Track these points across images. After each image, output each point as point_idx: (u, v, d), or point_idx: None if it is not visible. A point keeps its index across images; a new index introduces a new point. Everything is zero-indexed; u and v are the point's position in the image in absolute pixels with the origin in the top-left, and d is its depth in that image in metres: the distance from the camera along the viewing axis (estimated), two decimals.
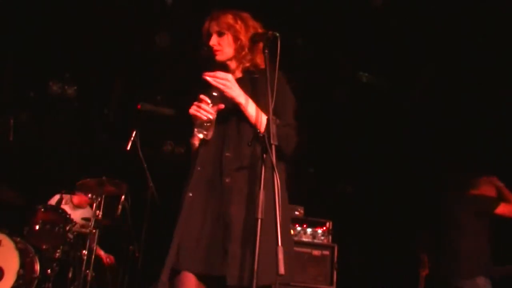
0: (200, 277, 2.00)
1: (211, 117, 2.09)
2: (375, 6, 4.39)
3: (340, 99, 5.71)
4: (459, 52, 4.78)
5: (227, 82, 2.10)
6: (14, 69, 5.50)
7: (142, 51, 5.09)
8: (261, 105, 2.13)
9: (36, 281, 4.14)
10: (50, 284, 4.34)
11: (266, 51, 2.12)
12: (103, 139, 6.33)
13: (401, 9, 4.46)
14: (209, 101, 2.09)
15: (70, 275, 4.58)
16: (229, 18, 2.29)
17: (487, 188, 4.31)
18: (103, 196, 4.75)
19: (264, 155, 1.90)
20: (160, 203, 4.51)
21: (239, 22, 2.29)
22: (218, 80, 2.10)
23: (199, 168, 2.14)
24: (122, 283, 5.01)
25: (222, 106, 2.11)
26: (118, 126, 5.97)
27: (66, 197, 5.07)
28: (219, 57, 2.30)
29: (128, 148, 4.31)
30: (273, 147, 1.86)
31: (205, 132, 2.11)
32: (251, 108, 2.12)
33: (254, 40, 2.23)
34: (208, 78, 2.10)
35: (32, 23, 4.85)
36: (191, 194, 2.10)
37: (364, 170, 6.63)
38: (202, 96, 2.11)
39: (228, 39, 2.28)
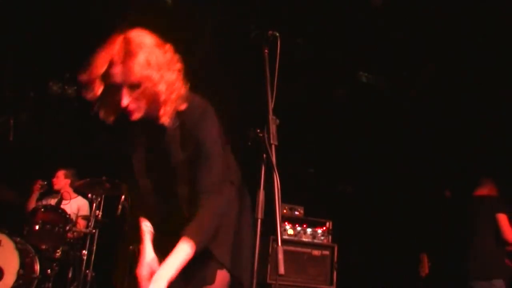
0: None
1: None
2: (375, 6, 4.38)
3: (340, 99, 5.71)
4: (459, 52, 4.78)
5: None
6: (14, 69, 5.50)
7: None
8: (189, 156, 1.89)
9: (36, 281, 4.14)
10: (50, 284, 4.34)
11: (266, 51, 2.12)
12: (103, 139, 6.33)
13: (401, 9, 4.45)
14: None
15: (70, 275, 4.58)
16: (142, 58, 1.73)
17: (493, 189, 4.37)
18: (103, 196, 4.75)
19: (264, 155, 1.90)
20: None
21: (153, 56, 1.76)
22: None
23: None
24: (122, 283, 5.01)
25: None
26: (118, 126, 5.96)
27: (43, 184, 5.08)
28: (135, 116, 1.81)
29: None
30: (273, 147, 1.86)
31: None
32: (177, 261, 1.79)
33: (250, 42, 2.18)
34: None
35: (32, 23, 4.85)
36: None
37: (364, 170, 6.64)
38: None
39: (143, 91, 1.76)
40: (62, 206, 4.79)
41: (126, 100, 1.76)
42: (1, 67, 5.46)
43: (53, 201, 5.03)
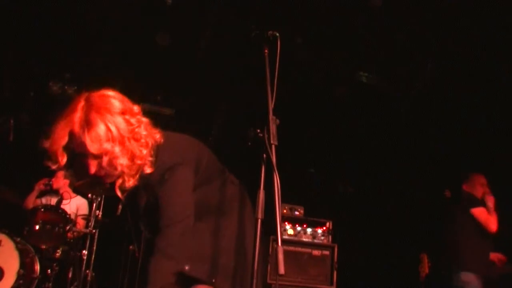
0: None
1: None
2: (375, 6, 4.38)
3: (340, 99, 5.71)
4: (459, 52, 4.77)
5: None
6: (14, 69, 5.50)
7: (142, 51, 5.09)
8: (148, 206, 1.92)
9: (36, 281, 4.14)
10: (50, 284, 4.35)
11: (266, 51, 2.12)
12: None
13: (401, 9, 4.45)
14: None
15: (70, 275, 4.58)
16: (100, 137, 1.68)
17: (476, 186, 4.41)
18: (103, 196, 4.75)
19: (264, 155, 1.90)
20: None
21: (113, 132, 1.70)
22: None
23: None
24: (122, 283, 5.02)
25: None
26: None
27: (48, 183, 5.10)
28: (108, 181, 1.82)
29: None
30: (273, 147, 1.86)
31: None
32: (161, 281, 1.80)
33: (250, 41, 2.19)
34: None
35: (32, 23, 4.85)
36: None
37: (364, 170, 6.64)
38: None
39: (109, 160, 1.73)
40: (62, 206, 4.79)
41: (93, 169, 1.74)
42: (1, 67, 5.46)
43: (53, 201, 5.03)
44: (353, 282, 5.40)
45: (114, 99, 1.78)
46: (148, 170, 1.80)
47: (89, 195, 4.87)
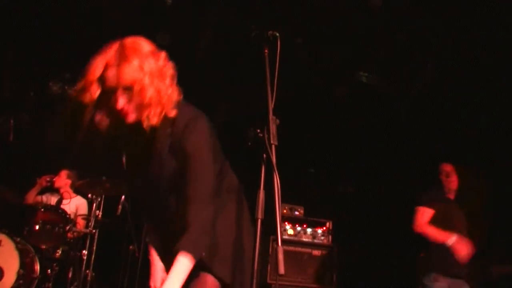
0: None
1: None
2: (375, 6, 4.38)
3: (340, 99, 5.71)
4: (459, 52, 4.78)
5: None
6: (14, 69, 5.50)
7: None
8: (178, 165, 1.91)
9: (36, 281, 4.14)
10: (50, 284, 4.35)
11: (266, 51, 2.12)
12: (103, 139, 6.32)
13: (401, 9, 4.45)
14: None
15: (70, 275, 4.58)
16: (136, 63, 1.81)
17: (442, 178, 4.24)
18: (103, 196, 4.76)
19: (264, 155, 1.90)
20: None
21: (146, 62, 1.84)
22: None
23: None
24: (122, 283, 5.02)
25: None
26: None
27: (50, 180, 5.11)
28: (130, 118, 1.85)
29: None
30: (273, 147, 1.86)
31: None
32: (180, 277, 1.81)
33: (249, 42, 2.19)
34: None
35: (32, 23, 4.85)
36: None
37: (364, 170, 6.64)
38: None
39: (138, 93, 1.82)
40: (62, 206, 4.79)
41: (121, 101, 1.82)
42: (1, 67, 5.46)
43: (53, 200, 5.04)
44: (353, 282, 5.40)
45: (146, 43, 1.93)
46: (172, 113, 1.89)
47: (89, 195, 4.88)
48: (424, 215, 4.05)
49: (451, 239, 3.81)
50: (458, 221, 4.04)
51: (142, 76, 1.81)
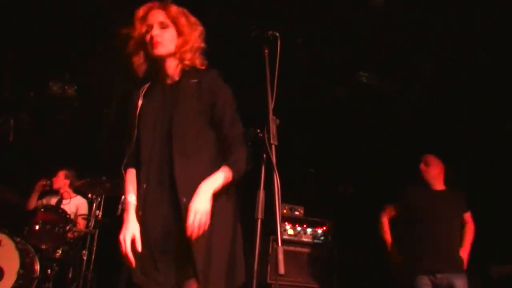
0: None
1: None
2: (375, 6, 4.38)
3: (340, 99, 5.71)
4: (459, 52, 4.78)
5: (202, 218, 1.90)
6: (14, 69, 5.50)
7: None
8: (202, 109, 2.10)
9: (36, 281, 4.14)
10: (50, 284, 4.34)
11: (266, 51, 2.12)
12: (103, 139, 6.33)
13: (401, 9, 4.45)
14: None
15: (70, 275, 4.58)
16: (174, 11, 2.13)
17: (436, 168, 4.15)
18: (103, 196, 4.76)
19: (264, 155, 1.90)
20: None
21: (183, 16, 2.14)
22: (198, 224, 1.90)
23: (144, 186, 2.08)
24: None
25: None
26: (118, 126, 5.98)
27: (47, 183, 5.11)
28: (159, 50, 2.09)
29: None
30: (273, 147, 1.86)
31: None
32: (216, 183, 1.98)
33: (253, 40, 2.20)
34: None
35: (32, 23, 4.85)
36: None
37: (364, 170, 6.64)
38: None
39: (171, 32, 2.12)
40: (62, 206, 4.79)
41: (155, 31, 2.07)
42: (1, 67, 5.47)
43: (53, 201, 5.04)
44: (353, 282, 5.40)
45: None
46: (200, 65, 2.17)
47: (89, 195, 4.88)
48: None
49: None
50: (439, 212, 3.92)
51: (177, 19, 2.10)
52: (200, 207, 1.90)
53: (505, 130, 5.19)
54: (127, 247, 1.96)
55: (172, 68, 2.16)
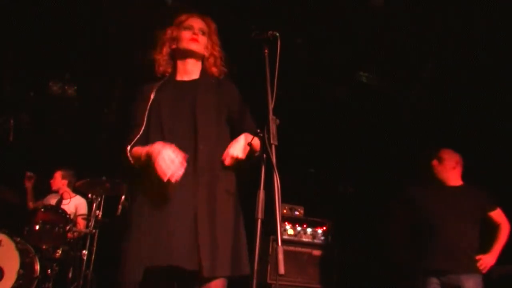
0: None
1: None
2: (375, 6, 4.38)
3: (340, 99, 5.71)
4: (459, 52, 4.78)
5: (239, 151, 2.18)
6: (14, 69, 5.50)
7: (142, 51, 5.09)
8: (221, 105, 2.30)
9: (36, 281, 4.14)
10: (50, 284, 4.34)
11: (266, 51, 2.12)
12: (103, 139, 6.34)
13: (401, 9, 4.45)
14: None
15: (70, 275, 4.58)
16: (212, 26, 2.46)
17: (450, 162, 3.97)
18: (103, 196, 4.75)
19: (264, 155, 1.90)
20: None
21: (215, 32, 2.47)
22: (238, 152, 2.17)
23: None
24: None
25: None
26: (118, 126, 5.98)
27: (31, 175, 5.10)
28: (195, 46, 2.36)
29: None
30: (273, 147, 1.86)
31: None
32: (248, 137, 2.22)
33: (253, 40, 2.21)
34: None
35: (32, 23, 4.85)
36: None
37: (364, 170, 6.63)
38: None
39: (205, 40, 2.41)
40: (62, 206, 4.79)
41: (197, 31, 2.38)
42: (1, 67, 5.47)
43: (53, 201, 5.04)
44: (353, 282, 5.40)
45: None
46: (219, 74, 2.42)
47: (89, 195, 4.87)
48: None
49: None
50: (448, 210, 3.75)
51: (211, 33, 2.44)
52: (236, 149, 2.17)
53: (505, 130, 5.19)
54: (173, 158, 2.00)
55: (195, 66, 2.38)
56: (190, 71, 2.37)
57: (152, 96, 2.27)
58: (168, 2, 4.54)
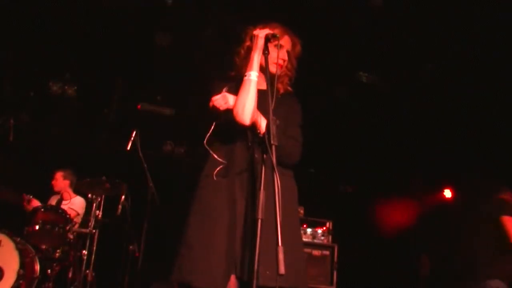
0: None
1: None
2: (375, 6, 4.38)
3: (340, 99, 5.71)
4: (459, 52, 4.77)
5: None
6: (14, 69, 5.50)
7: (142, 51, 5.09)
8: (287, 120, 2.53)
9: (36, 281, 4.14)
10: (50, 284, 4.34)
11: (267, 51, 2.13)
12: (103, 139, 6.34)
13: (401, 9, 4.45)
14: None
15: (70, 275, 4.58)
16: (298, 51, 2.65)
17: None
18: (103, 196, 4.75)
19: (265, 156, 1.90)
20: (160, 203, 4.51)
21: (298, 52, 2.65)
22: None
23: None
24: (122, 283, 5.01)
25: None
26: (118, 126, 5.98)
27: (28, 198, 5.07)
28: (276, 70, 2.40)
29: (128, 148, 4.32)
30: (273, 147, 1.86)
31: None
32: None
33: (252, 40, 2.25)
34: None
35: (32, 23, 4.85)
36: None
37: (364, 170, 6.64)
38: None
39: (286, 62, 2.54)
40: (62, 206, 4.79)
41: (284, 55, 2.50)
42: (1, 67, 5.46)
43: (53, 201, 5.04)
44: (353, 282, 5.40)
45: None
46: (286, 90, 2.63)
47: (89, 195, 4.87)
48: None
49: None
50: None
51: (294, 57, 2.64)
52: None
53: (505, 130, 5.19)
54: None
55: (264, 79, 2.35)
56: (260, 82, 2.35)
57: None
58: (168, 2, 4.53)
